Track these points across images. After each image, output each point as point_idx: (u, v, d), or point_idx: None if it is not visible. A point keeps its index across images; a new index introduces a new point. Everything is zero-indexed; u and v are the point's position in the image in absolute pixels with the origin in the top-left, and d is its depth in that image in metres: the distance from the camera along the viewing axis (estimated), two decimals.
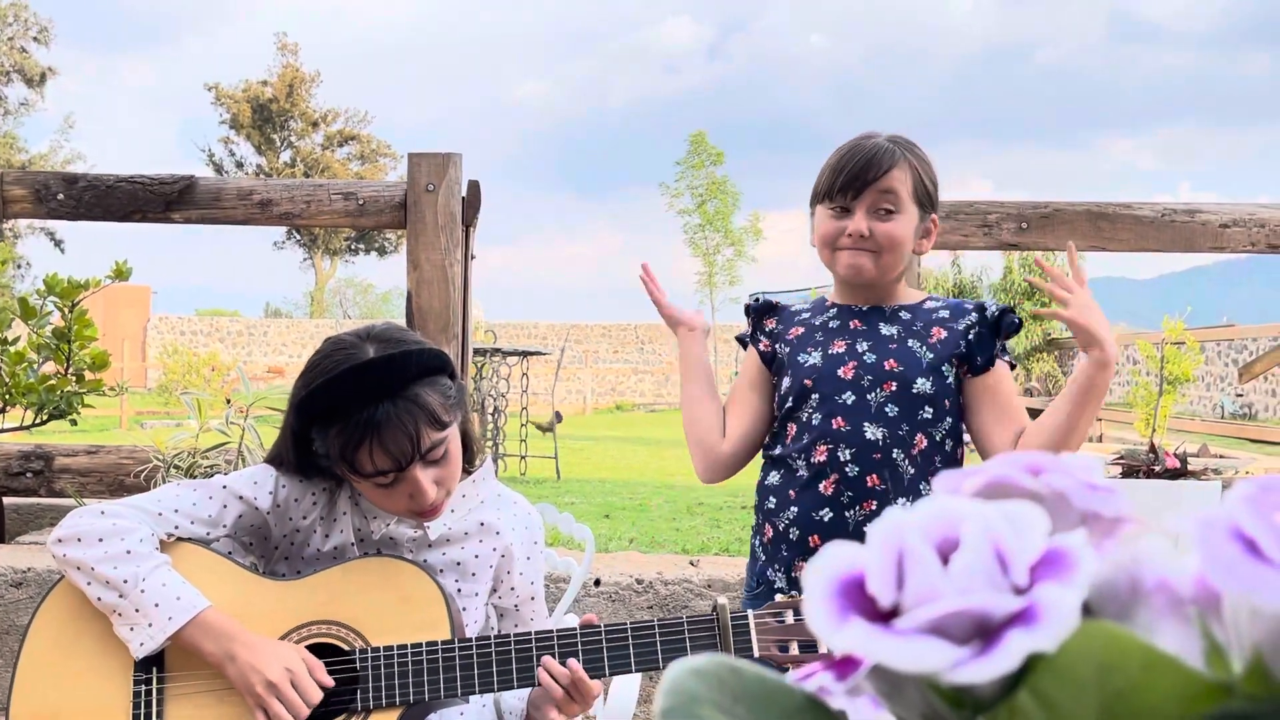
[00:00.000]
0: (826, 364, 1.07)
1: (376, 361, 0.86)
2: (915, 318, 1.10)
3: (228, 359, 12.27)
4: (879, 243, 1.06)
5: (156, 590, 0.84)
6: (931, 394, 1.05)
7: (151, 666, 0.86)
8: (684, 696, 0.20)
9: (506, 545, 0.97)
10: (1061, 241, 1.86)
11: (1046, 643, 0.17)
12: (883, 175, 1.05)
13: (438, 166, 1.89)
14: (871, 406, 1.05)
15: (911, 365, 1.06)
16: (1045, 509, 0.22)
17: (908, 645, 0.17)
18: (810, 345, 1.10)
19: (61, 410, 1.95)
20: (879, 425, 1.04)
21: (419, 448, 0.87)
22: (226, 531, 0.92)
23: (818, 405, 1.07)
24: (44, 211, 1.99)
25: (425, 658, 0.84)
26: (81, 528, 0.87)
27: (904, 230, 1.06)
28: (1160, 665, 0.18)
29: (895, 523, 0.20)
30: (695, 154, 21.76)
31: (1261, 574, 0.18)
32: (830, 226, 1.08)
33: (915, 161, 1.07)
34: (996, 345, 1.09)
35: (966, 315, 1.10)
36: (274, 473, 0.94)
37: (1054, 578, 0.18)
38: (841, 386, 1.06)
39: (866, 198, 1.05)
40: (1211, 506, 0.19)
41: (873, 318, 1.10)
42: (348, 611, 0.87)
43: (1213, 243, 1.85)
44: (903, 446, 1.04)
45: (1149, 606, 0.22)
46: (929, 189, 1.09)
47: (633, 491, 4.89)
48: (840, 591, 0.19)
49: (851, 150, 1.07)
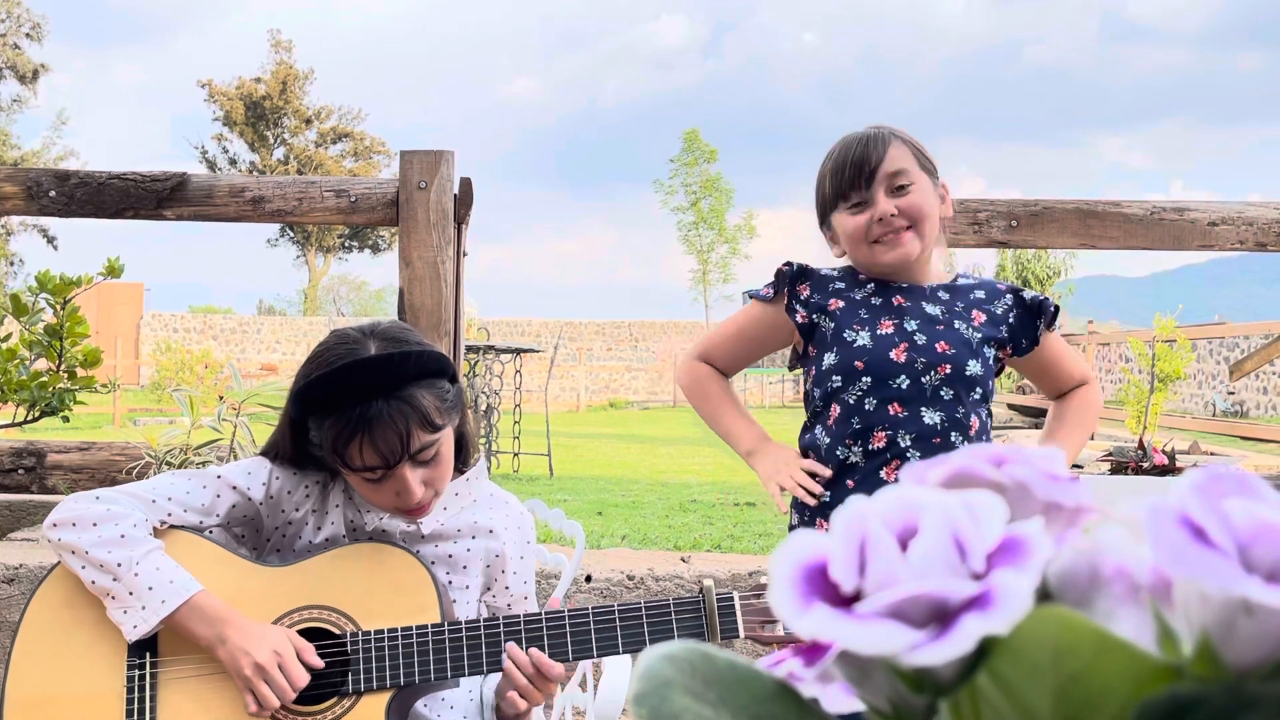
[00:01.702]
0: (877, 345, 1.05)
1: (375, 359, 0.87)
2: (954, 297, 1.09)
3: (221, 356, 12.23)
4: (911, 216, 1.05)
5: (150, 574, 0.85)
6: (980, 375, 1.06)
7: (145, 651, 0.86)
8: (656, 681, 0.21)
9: (500, 547, 0.97)
10: (1051, 240, 1.87)
11: (1000, 626, 0.18)
12: (885, 157, 1.05)
13: (430, 164, 1.89)
14: (927, 391, 1.04)
15: (962, 348, 1.05)
16: (1007, 499, 0.23)
17: (867, 629, 0.18)
18: (855, 322, 1.07)
19: (53, 407, 1.94)
20: (936, 409, 1.04)
21: (408, 447, 0.87)
22: (220, 521, 0.93)
23: (870, 389, 1.05)
24: (36, 208, 1.98)
25: (416, 641, 0.85)
26: (77, 512, 0.88)
27: (926, 198, 1.07)
28: (1112, 649, 0.19)
29: (858, 511, 0.20)
30: (689, 151, 21.74)
31: (1208, 560, 0.18)
32: (856, 222, 1.07)
33: (904, 138, 1.09)
34: (1039, 325, 1.10)
35: (1002, 297, 1.11)
36: (268, 464, 0.95)
37: (1010, 564, 0.19)
38: (895, 370, 1.04)
39: (879, 183, 1.05)
40: (1162, 495, 0.20)
41: (915, 296, 1.09)
42: (339, 596, 0.88)
43: (1201, 241, 1.86)
44: (960, 430, 1.04)
45: (1108, 593, 0.22)
46: (928, 157, 1.10)
47: (625, 488, 4.90)
48: (805, 578, 0.20)
49: (844, 148, 1.08)
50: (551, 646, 0.86)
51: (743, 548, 3.11)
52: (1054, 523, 0.23)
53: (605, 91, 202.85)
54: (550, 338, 15.51)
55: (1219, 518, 0.19)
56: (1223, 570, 0.18)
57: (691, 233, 21.46)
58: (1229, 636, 0.19)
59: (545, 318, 18.15)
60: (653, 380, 15.53)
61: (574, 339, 16.80)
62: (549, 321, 17.68)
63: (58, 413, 1.98)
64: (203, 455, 1.90)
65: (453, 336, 1.88)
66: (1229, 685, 0.19)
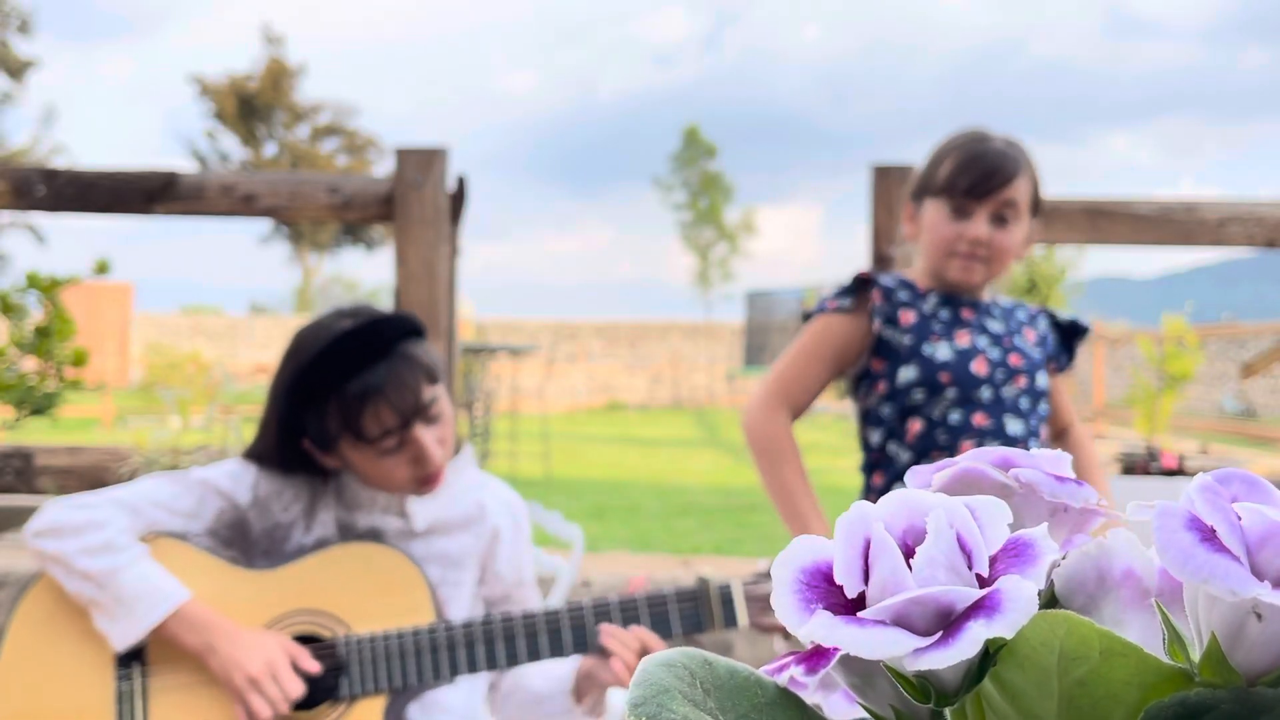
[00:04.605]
0: (958, 358, 1.05)
1: (361, 327, 0.88)
2: (1007, 316, 1.11)
3: (211, 356, 12.15)
4: (993, 252, 1.05)
5: (135, 582, 0.83)
6: (1045, 390, 1.09)
7: (134, 660, 0.85)
8: (654, 688, 0.21)
9: (493, 528, 0.96)
10: (1059, 236, 1.87)
11: (1005, 631, 0.17)
12: (1009, 184, 1.03)
13: (424, 162, 1.88)
14: (1006, 402, 1.06)
15: (1031, 361, 1.08)
16: (1014, 502, 0.23)
17: (870, 634, 0.18)
18: (932, 335, 1.07)
19: (41, 407, 1.93)
20: (1018, 419, 1.05)
21: (420, 399, 0.87)
22: (205, 525, 0.91)
23: (956, 401, 1.04)
24: (24, 204, 1.96)
25: (410, 643, 0.84)
26: (59, 520, 0.86)
27: (1018, 241, 1.07)
28: (1120, 653, 0.19)
29: (862, 514, 0.20)
30: (689, 148, 21.69)
31: (1217, 563, 0.18)
32: (948, 230, 1.05)
33: (1032, 171, 1.07)
34: (1074, 343, 1.14)
35: (1039, 318, 1.14)
36: (252, 467, 0.93)
37: (1015, 568, 0.18)
38: (977, 382, 1.05)
39: (989, 204, 1.04)
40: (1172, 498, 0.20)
41: (978, 311, 1.09)
42: (329, 599, 0.87)
43: (1211, 238, 1.86)
44: (1037, 439, 1.07)
45: (1115, 597, 0.22)
46: (1039, 199, 1.09)
47: (624, 492, 4.89)
48: (807, 582, 0.19)
49: (979, 153, 1.05)
50: (549, 642, 0.85)
51: (744, 551, 3.11)
52: (1061, 526, 0.23)
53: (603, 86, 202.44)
54: (547, 337, 15.48)
55: (1228, 520, 0.19)
56: (1232, 574, 0.18)
57: (691, 230, 21.41)
58: (1238, 641, 0.19)
59: (542, 317, 18.11)
60: (651, 381, 15.54)
61: (572, 338, 16.79)
62: (546, 321, 17.66)
63: (45, 412, 1.96)
64: (194, 458, 1.89)
65: (447, 336, 1.87)
66: (1238, 690, 0.19)
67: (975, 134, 1.09)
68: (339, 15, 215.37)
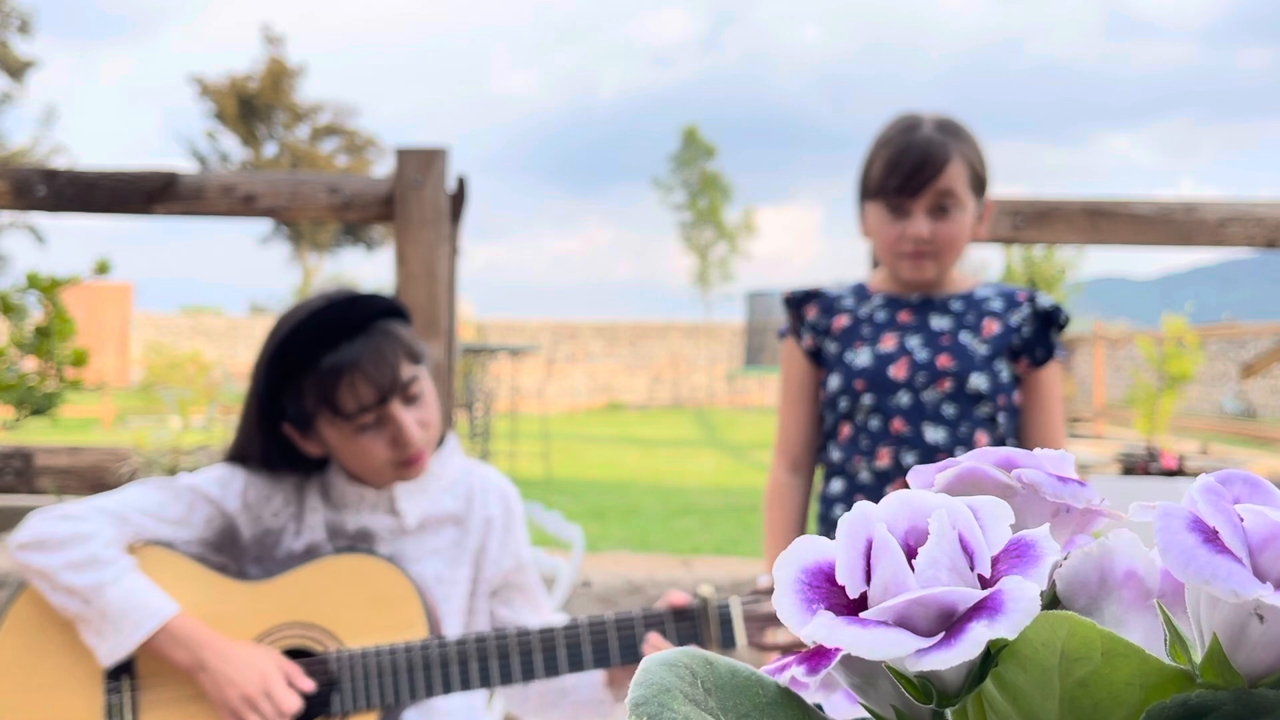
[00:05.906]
0: (876, 363, 1.05)
1: (338, 301, 0.87)
2: (967, 308, 1.07)
3: (212, 356, 12.15)
4: (939, 244, 1.03)
5: (122, 597, 0.81)
6: (987, 391, 1.03)
7: (123, 672, 0.83)
8: (655, 688, 0.21)
9: (485, 517, 0.95)
10: (1058, 237, 1.87)
11: (1007, 631, 0.17)
12: (939, 175, 1.01)
13: (424, 162, 1.88)
14: (928, 407, 1.03)
15: (965, 361, 1.03)
16: (1016, 503, 0.23)
17: (872, 635, 0.18)
18: (857, 340, 1.07)
19: (41, 407, 1.93)
20: (939, 426, 1.03)
21: (398, 374, 0.86)
22: (195, 532, 0.89)
23: (873, 407, 1.04)
24: (24, 205, 1.96)
25: (403, 659, 0.83)
26: (43, 532, 0.84)
27: (963, 228, 1.04)
28: (1121, 654, 0.19)
29: (864, 515, 0.20)
30: (688, 148, 21.70)
31: (1219, 564, 0.18)
32: (889, 231, 1.04)
33: (967, 150, 1.04)
34: (1056, 338, 1.07)
35: (1019, 307, 1.07)
36: (240, 471, 0.92)
37: (1017, 569, 0.18)
38: (894, 387, 1.04)
39: (924, 198, 1.02)
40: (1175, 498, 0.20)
41: (923, 310, 1.07)
42: (321, 613, 0.85)
43: (1211, 239, 1.86)
44: (966, 446, 1.03)
45: (1117, 598, 0.22)
46: (981, 175, 1.05)
47: (624, 492, 4.88)
48: (809, 583, 0.19)
49: (904, 148, 1.03)
50: (544, 660, 0.84)
51: (744, 551, 3.11)
52: (1063, 526, 0.23)
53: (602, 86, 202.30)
54: (547, 338, 15.47)
55: (1230, 522, 0.18)
56: (1234, 575, 0.18)
57: (690, 231, 21.41)
58: (1240, 642, 0.19)
59: (542, 317, 18.10)
60: (652, 381, 15.53)
61: (572, 338, 16.78)
62: (545, 321, 17.65)
63: (45, 412, 1.96)
64: (194, 458, 1.89)
65: (447, 336, 1.88)
66: (1240, 692, 0.19)
67: (904, 122, 1.05)
68: (339, 15, 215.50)
